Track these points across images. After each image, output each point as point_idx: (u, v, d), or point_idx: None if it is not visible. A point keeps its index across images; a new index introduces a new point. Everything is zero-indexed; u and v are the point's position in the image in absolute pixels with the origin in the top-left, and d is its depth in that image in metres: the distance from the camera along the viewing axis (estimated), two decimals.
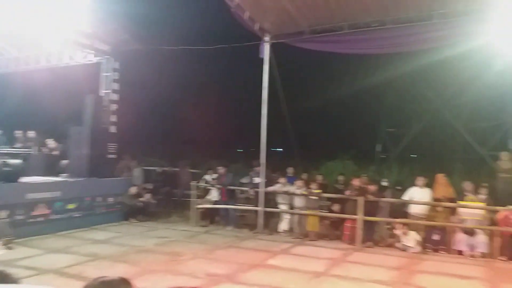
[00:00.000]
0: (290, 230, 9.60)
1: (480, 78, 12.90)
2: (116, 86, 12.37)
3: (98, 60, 12.46)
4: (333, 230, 9.36)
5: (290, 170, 10.84)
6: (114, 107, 12.28)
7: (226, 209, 10.46)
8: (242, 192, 10.64)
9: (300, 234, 9.32)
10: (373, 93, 15.61)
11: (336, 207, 9.43)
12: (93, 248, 7.70)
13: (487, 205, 8.29)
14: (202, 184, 10.92)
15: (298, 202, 9.57)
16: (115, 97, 12.33)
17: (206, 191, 10.98)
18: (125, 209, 10.78)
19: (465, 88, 15.00)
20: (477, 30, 7.69)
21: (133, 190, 11.01)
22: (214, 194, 10.73)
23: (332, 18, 8.92)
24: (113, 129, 12.06)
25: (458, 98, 15.79)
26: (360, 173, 11.11)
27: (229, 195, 10.50)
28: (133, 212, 10.82)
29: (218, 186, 10.61)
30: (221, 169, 10.80)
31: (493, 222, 8.14)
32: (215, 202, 10.61)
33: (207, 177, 11.03)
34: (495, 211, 8.17)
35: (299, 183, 9.71)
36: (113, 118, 12.15)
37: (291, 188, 9.74)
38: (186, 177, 12.31)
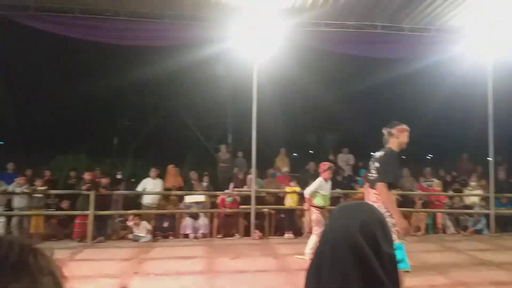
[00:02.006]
0: (9, 235, 8.24)
1: (212, 80, 14.72)
2: None
3: None
4: (62, 229, 8.63)
5: (10, 166, 9.37)
6: None
7: None
8: None
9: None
10: (111, 86, 15.16)
11: (65, 204, 8.74)
12: None
13: (209, 191, 9.49)
14: None
15: (19, 202, 8.34)
16: None
17: None
18: None
19: (193, 89, 16.74)
20: (213, 36, 8.58)
21: None
22: None
23: None
24: None
25: (190, 98, 17.46)
26: (95, 166, 10.69)
27: None
28: None
29: None
30: None
31: (213, 206, 9.38)
32: None
33: None
34: (215, 196, 9.45)
35: (20, 180, 8.48)
36: None
37: (10, 187, 8.41)
38: None
